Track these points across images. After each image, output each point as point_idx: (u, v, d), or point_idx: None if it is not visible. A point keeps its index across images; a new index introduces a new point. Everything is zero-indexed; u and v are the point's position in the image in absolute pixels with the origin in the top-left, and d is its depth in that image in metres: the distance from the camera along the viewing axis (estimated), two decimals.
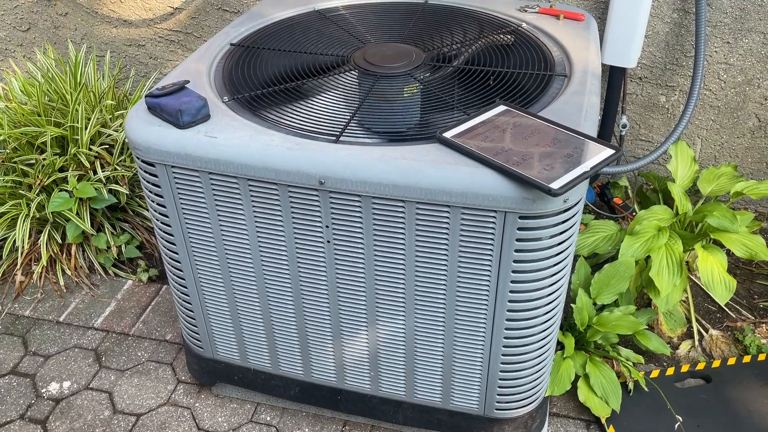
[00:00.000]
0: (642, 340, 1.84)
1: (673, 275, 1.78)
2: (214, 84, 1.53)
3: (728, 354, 1.93)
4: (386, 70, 1.50)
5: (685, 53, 2.16)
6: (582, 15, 1.79)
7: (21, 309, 2.20)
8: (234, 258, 1.49)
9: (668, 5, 2.09)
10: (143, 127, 1.36)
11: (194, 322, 1.68)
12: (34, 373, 1.97)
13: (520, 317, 1.37)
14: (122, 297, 2.23)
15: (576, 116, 1.34)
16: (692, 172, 2.05)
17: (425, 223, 1.27)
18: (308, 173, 1.27)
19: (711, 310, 2.09)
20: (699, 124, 2.30)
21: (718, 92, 2.21)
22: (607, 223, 2.00)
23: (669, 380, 1.83)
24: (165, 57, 2.70)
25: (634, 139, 2.40)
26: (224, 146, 1.30)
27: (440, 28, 1.75)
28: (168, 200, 1.44)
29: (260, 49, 1.66)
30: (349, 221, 1.32)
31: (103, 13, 2.66)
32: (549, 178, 1.14)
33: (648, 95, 2.28)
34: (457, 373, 1.50)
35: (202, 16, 2.54)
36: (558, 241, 1.27)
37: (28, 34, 2.81)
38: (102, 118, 2.28)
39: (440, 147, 1.26)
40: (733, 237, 1.85)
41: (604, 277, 1.83)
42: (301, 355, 1.62)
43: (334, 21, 1.81)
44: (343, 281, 1.43)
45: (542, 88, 1.47)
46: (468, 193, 1.20)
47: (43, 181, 2.15)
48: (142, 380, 1.93)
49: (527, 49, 1.63)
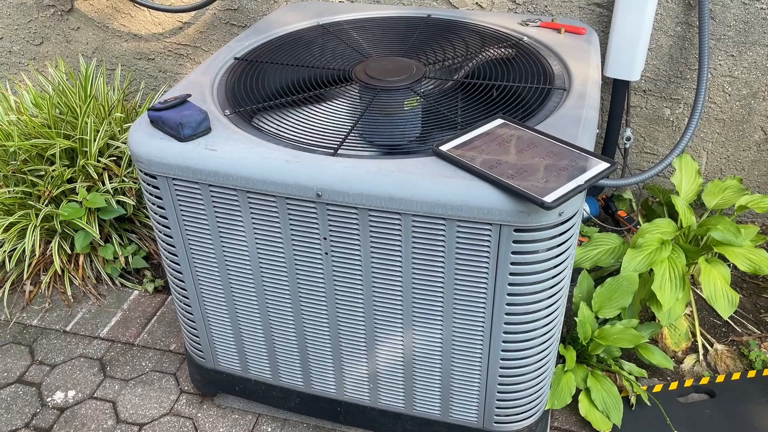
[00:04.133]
0: (644, 354, 1.83)
1: (676, 289, 1.77)
2: (216, 97, 1.55)
3: (733, 369, 1.91)
4: (386, 84, 1.52)
5: (689, 66, 2.16)
6: (583, 29, 1.80)
7: (29, 318, 2.22)
8: (234, 269, 1.50)
9: (671, 19, 2.09)
10: (145, 140, 1.39)
11: (196, 333, 1.69)
12: (40, 382, 1.99)
13: (518, 330, 1.37)
14: (128, 307, 2.25)
15: (573, 130, 1.34)
16: (697, 185, 2.05)
17: (421, 236, 1.28)
18: (306, 186, 1.28)
19: (716, 324, 2.08)
20: (704, 137, 2.29)
21: (723, 105, 2.21)
22: (611, 236, 2.00)
23: (672, 395, 1.82)
24: (174, 70, 2.74)
25: (639, 152, 2.39)
26: (224, 159, 1.32)
27: (442, 41, 1.77)
28: (169, 212, 1.46)
29: (263, 63, 1.69)
30: (346, 233, 1.33)
31: (114, 27, 2.70)
32: (543, 191, 1.15)
33: (652, 108, 2.28)
34: (456, 386, 1.50)
35: (210, 31, 2.58)
36: (554, 254, 1.27)
37: (41, 48, 2.87)
38: (110, 131, 2.32)
39: (437, 160, 1.27)
40: (737, 251, 1.84)
41: (606, 291, 1.82)
42: (301, 367, 1.63)
43: (336, 35, 1.83)
44: (341, 293, 1.44)
45: (541, 101, 1.48)
46: (463, 206, 1.21)
47: (52, 192, 2.19)
48: (145, 390, 1.94)
49: (527, 63, 1.64)
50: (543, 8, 2.19)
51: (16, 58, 2.94)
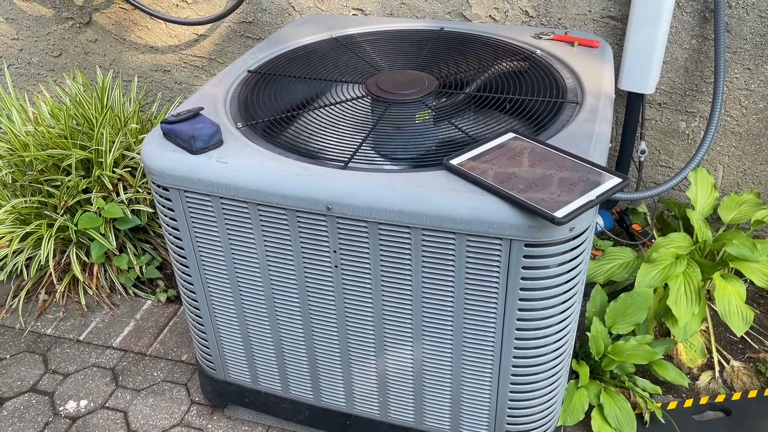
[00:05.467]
0: (659, 371, 1.80)
1: (692, 304, 1.75)
2: (229, 110, 1.56)
3: (749, 386, 1.88)
4: (398, 97, 1.52)
5: (705, 79, 2.14)
6: (597, 42, 1.79)
7: (43, 327, 2.24)
8: (244, 280, 1.51)
9: (687, 32, 2.08)
10: (158, 153, 1.40)
11: (207, 344, 1.70)
12: (52, 390, 2.00)
13: (529, 345, 1.36)
14: (141, 317, 2.26)
15: (585, 144, 1.33)
16: (712, 199, 2.02)
17: (431, 250, 1.27)
18: (316, 199, 1.28)
19: (732, 340, 2.04)
20: (720, 151, 2.26)
21: (740, 118, 2.18)
22: (625, 250, 1.97)
23: (687, 412, 1.79)
24: (189, 82, 2.77)
25: (654, 165, 2.37)
26: (235, 171, 1.33)
27: (454, 54, 1.77)
28: (181, 223, 1.47)
29: (276, 76, 1.69)
30: (356, 247, 1.33)
31: (131, 39, 2.74)
32: (553, 206, 1.14)
33: (668, 121, 2.26)
34: (466, 401, 1.49)
35: (225, 43, 2.60)
36: (566, 270, 1.26)
37: (60, 60, 2.91)
38: (126, 142, 2.34)
39: (447, 174, 1.27)
40: (753, 266, 1.81)
41: (620, 306, 1.80)
42: (311, 379, 1.62)
43: (349, 48, 1.84)
44: (350, 306, 1.43)
45: (553, 115, 1.47)
46: (473, 221, 1.20)
47: (68, 201, 2.21)
48: (156, 400, 1.95)
49: (540, 76, 1.63)
50: (557, 21, 2.18)
51: (35, 69, 2.99)
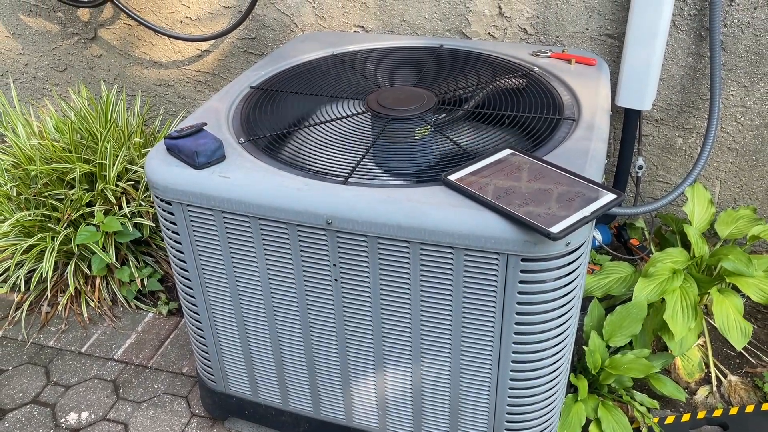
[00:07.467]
0: (656, 385, 1.81)
1: (688, 319, 1.76)
2: (232, 125, 1.59)
3: (747, 401, 1.89)
4: (398, 113, 1.55)
5: (701, 96, 2.17)
6: (593, 60, 1.82)
7: (45, 339, 2.26)
8: (245, 294, 1.53)
9: (683, 49, 2.11)
10: (161, 168, 1.42)
11: (207, 356, 1.71)
12: (54, 402, 2.01)
13: (526, 359, 1.37)
14: (142, 329, 2.28)
15: (581, 161, 1.36)
16: (709, 214, 2.04)
17: (429, 264, 1.29)
18: (316, 213, 1.31)
19: (730, 355, 2.06)
20: (717, 167, 2.29)
21: (736, 135, 2.21)
22: (622, 265, 1.99)
23: (684, 427, 1.80)
24: (193, 96, 2.80)
25: (652, 180, 2.39)
26: (237, 186, 1.35)
27: (453, 71, 1.80)
28: (183, 237, 1.49)
29: (278, 92, 1.72)
30: (355, 260, 1.35)
31: (136, 55, 2.78)
32: (549, 221, 1.16)
33: (665, 137, 2.29)
34: (464, 414, 1.50)
35: (228, 59, 2.64)
36: (562, 284, 1.28)
37: (65, 74, 2.95)
38: (129, 155, 2.37)
39: (445, 189, 1.29)
40: (749, 281, 1.83)
41: (616, 318, 1.82)
42: (311, 392, 1.64)
43: (350, 65, 1.87)
44: (350, 319, 1.45)
45: (550, 131, 1.49)
46: (470, 236, 1.22)
47: (71, 215, 2.23)
48: (157, 413, 1.96)
49: (537, 93, 1.66)
50: (554, 39, 2.22)
51: (40, 83, 3.03)
